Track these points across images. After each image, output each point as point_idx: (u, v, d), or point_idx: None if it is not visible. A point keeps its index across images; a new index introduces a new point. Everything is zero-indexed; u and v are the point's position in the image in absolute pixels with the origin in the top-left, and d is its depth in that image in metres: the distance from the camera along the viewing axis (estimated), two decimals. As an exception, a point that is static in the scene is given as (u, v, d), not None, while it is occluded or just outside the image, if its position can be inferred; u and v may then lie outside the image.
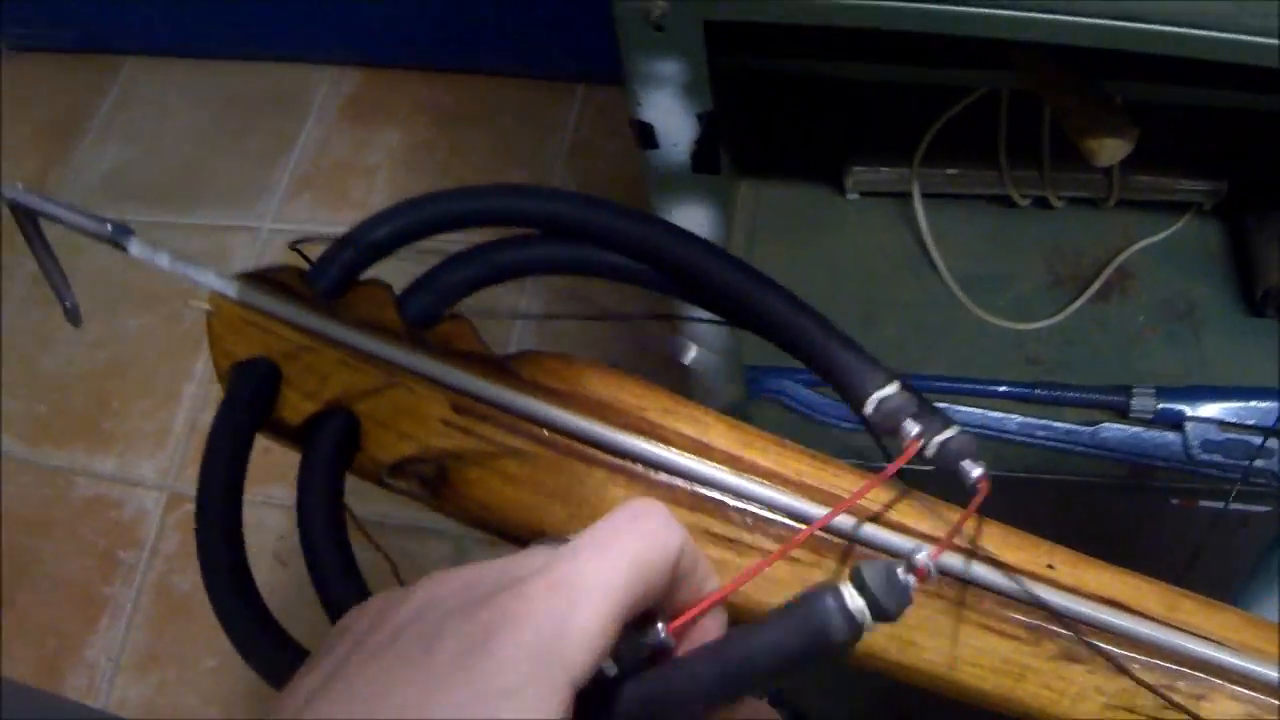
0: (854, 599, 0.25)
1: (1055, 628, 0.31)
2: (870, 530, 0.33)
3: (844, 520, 0.33)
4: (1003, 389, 0.81)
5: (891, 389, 0.33)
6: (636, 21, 0.52)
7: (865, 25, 0.52)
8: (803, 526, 0.32)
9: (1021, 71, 0.72)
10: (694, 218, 0.64)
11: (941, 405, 0.82)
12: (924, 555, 0.26)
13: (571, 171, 1.24)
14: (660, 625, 0.28)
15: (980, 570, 0.32)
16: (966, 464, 0.31)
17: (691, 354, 0.71)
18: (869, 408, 0.33)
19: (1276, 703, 0.31)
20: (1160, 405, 0.79)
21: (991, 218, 0.93)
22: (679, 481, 0.34)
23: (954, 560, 0.32)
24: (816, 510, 0.33)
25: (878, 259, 0.93)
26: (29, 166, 1.50)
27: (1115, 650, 0.31)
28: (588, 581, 0.25)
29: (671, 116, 0.58)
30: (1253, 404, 0.79)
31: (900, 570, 0.26)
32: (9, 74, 1.57)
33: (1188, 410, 0.79)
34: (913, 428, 0.32)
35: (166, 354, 1.32)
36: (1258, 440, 0.78)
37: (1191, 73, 0.66)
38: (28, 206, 0.37)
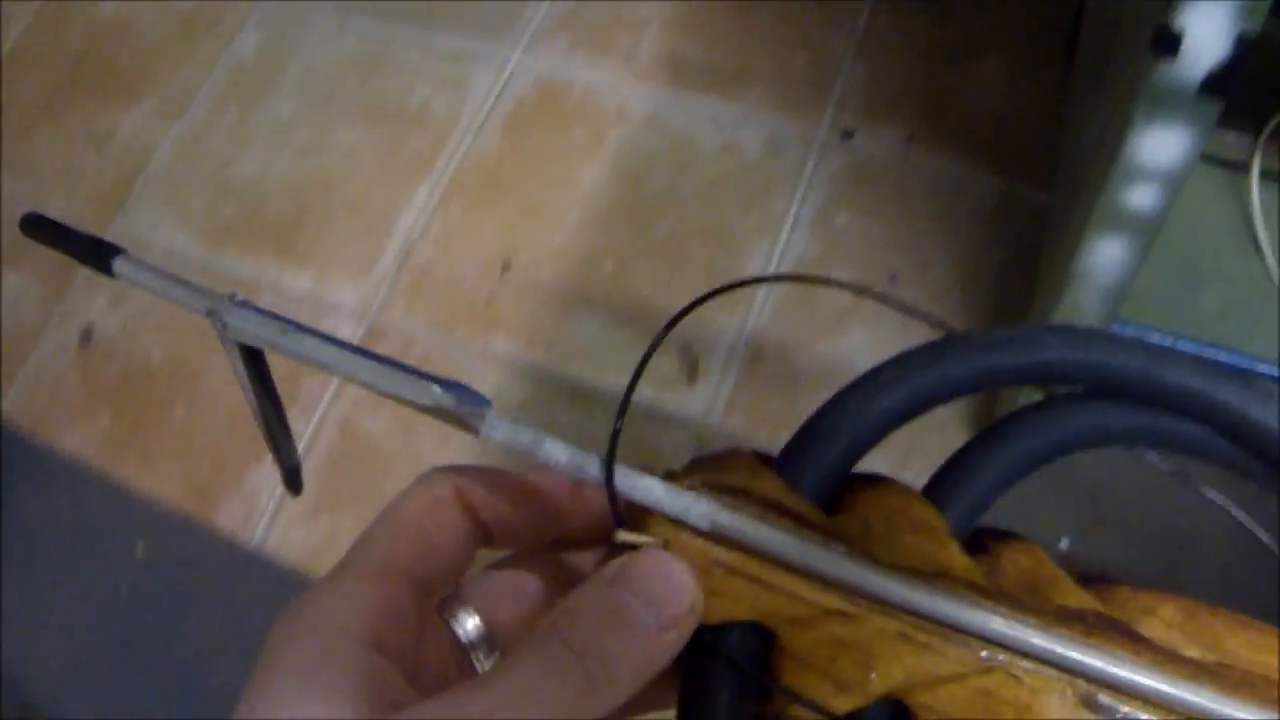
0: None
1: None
2: None
3: None
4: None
5: None
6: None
7: None
8: None
9: None
10: (1172, 147, 0.64)
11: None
12: None
13: (861, 70, 1.25)
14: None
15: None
16: None
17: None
18: None
19: None
20: None
21: (1329, 209, 0.98)
22: None
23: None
24: None
25: (1199, 229, 0.99)
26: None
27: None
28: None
29: (1209, 28, 0.55)
30: None
31: None
32: None
33: None
34: None
35: (383, 175, 1.28)
36: None
37: None
38: (260, 341, 0.29)
